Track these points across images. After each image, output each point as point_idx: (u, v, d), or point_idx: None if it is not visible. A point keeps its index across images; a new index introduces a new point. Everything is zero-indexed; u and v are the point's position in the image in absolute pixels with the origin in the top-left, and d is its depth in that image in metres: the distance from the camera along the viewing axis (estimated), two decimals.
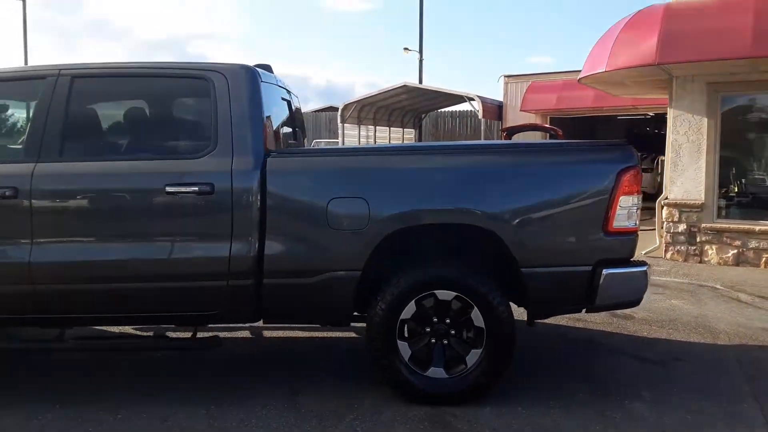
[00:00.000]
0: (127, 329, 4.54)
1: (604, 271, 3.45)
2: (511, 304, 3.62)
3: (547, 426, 3.30)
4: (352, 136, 21.69)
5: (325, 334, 4.81)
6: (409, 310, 3.47)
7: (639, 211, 3.57)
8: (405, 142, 24.36)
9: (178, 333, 4.48)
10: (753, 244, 7.78)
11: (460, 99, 19.67)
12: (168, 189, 3.38)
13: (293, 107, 4.56)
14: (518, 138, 14.33)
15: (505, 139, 14.64)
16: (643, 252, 8.62)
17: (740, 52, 6.76)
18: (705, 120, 7.97)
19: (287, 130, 4.36)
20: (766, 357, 4.43)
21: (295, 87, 4.62)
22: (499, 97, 19.53)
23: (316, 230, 3.46)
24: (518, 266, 3.45)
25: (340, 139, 21.07)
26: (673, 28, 7.24)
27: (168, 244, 3.45)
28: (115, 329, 4.50)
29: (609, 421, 3.34)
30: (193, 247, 3.46)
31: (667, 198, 8.33)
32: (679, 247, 8.23)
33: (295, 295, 3.50)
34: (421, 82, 25.56)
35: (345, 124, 21.19)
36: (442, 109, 24.86)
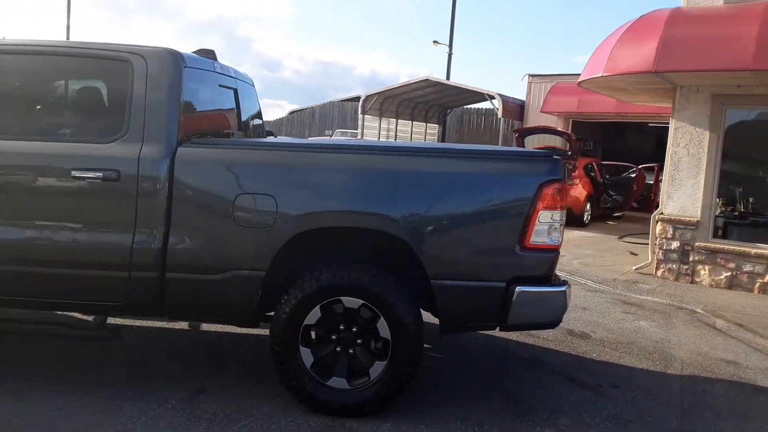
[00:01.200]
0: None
1: (518, 289, 3.27)
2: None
3: None
4: (372, 128, 21.55)
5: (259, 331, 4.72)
6: (314, 315, 3.35)
7: (562, 228, 3.37)
8: (427, 138, 24.17)
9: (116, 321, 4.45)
10: (748, 267, 7.40)
11: (481, 96, 19.29)
12: (74, 173, 3.32)
13: (241, 96, 4.46)
14: (529, 142, 13.97)
15: (516, 141, 14.27)
16: (634, 268, 8.33)
17: (741, 63, 6.38)
18: (707, 133, 7.58)
19: (225, 119, 4.26)
20: (711, 390, 4.17)
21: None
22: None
23: (222, 226, 3.35)
24: (428, 278, 3.30)
25: (359, 131, 20.96)
26: (675, 34, 6.88)
27: (73, 230, 3.39)
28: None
29: None
30: (97, 234, 3.38)
31: (662, 213, 7.98)
32: (670, 266, 7.88)
33: (198, 291, 3.41)
34: (448, 77, 25.29)
35: (366, 116, 21.09)
36: (469, 106, 24.47)
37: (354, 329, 3.38)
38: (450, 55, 24.95)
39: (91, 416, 3.23)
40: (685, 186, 7.76)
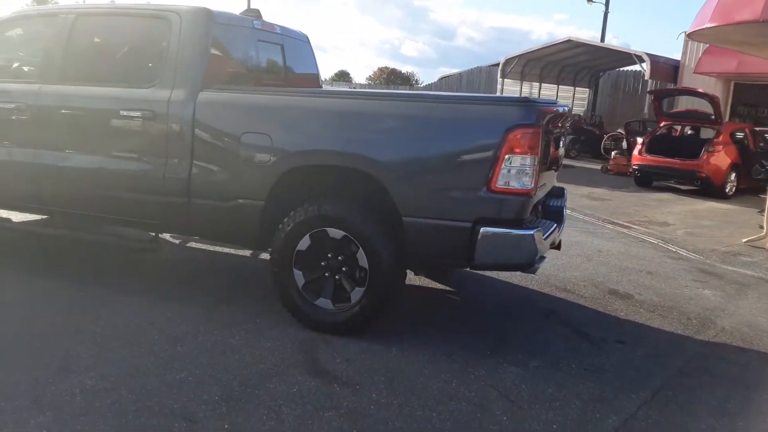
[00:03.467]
0: None
1: (482, 230, 3.38)
2: None
3: (401, 368, 3.41)
4: (513, 92, 21.10)
5: None
6: (305, 242, 3.75)
7: (535, 173, 3.38)
8: (576, 103, 23.05)
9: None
10: None
11: (633, 58, 17.93)
12: (122, 112, 4.03)
13: (287, 51, 4.93)
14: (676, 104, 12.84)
15: (653, 103, 13.25)
16: (744, 240, 7.58)
17: None
18: None
19: (260, 69, 4.71)
20: (730, 359, 3.90)
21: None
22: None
23: (232, 160, 3.86)
24: (399, 214, 3.53)
25: (498, 95, 20.66)
26: None
27: (121, 159, 4.12)
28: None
29: (464, 375, 3.35)
30: (139, 163, 4.07)
31: None
32: None
33: (215, 216, 3.98)
34: (603, 38, 23.81)
35: (507, 80, 20.69)
36: (625, 68, 22.79)
37: (340, 258, 3.74)
38: (606, 14, 23.42)
39: (130, 316, 3.98)
40: None
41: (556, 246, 4.32)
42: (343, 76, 78.70)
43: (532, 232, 3.40)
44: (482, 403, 3.09)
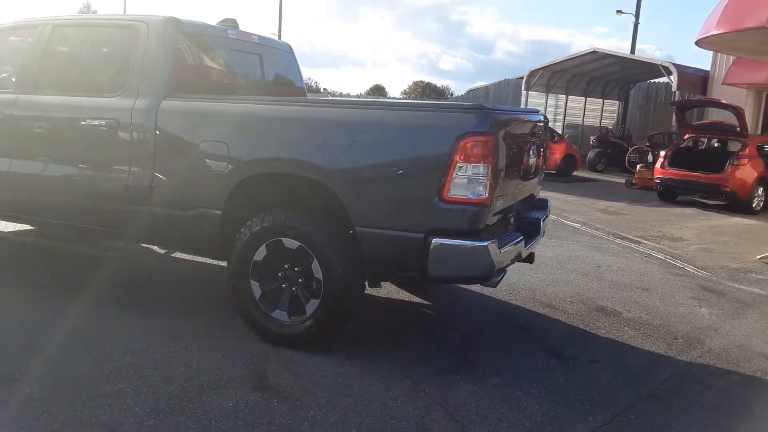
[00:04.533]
0: None
1: (434, 241, 3.25)
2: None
3: (349, 384, 3.29)
4: (537, 105, 20.79)
5: None
6: (261, 252, 3.68)
7: (489, 182, 3.24)
8: (604, 116, 22.61)
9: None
10: None
11: (657, 69, 17.45)
12: (88, 121, 4.05)
13: (266, 61, 4.91)
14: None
15: (676, 115, 12.84)
16: (759, 257, 7.22)
17: None
18: None
19: (233, 78, 4.69)
20: (710, 382, 3.65)
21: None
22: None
23: (191, 168, 3.83)
24: (353, 225, 3.43)
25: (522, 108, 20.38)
26: None
27: (89, 168, 4.13)
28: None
29: (414, 392, 3.21)
30: (104, 172, 4.07)
31: None
32: None
33: (176, 225, 3.94)
34: (633, 49, 23.34)
35: (531, 92, 20.42)
36: (656, 80, 22.23)
37: (296, 269, 3.65)
38: (636, 25, 22.86)
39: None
40: None
41: (527, 259, 4.14)
42: (377, 91, 79.35)
43: (485, 243, 3.25)
44: (423, 423, 2.94)
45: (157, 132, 3.88)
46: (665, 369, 3.81)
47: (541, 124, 4.21)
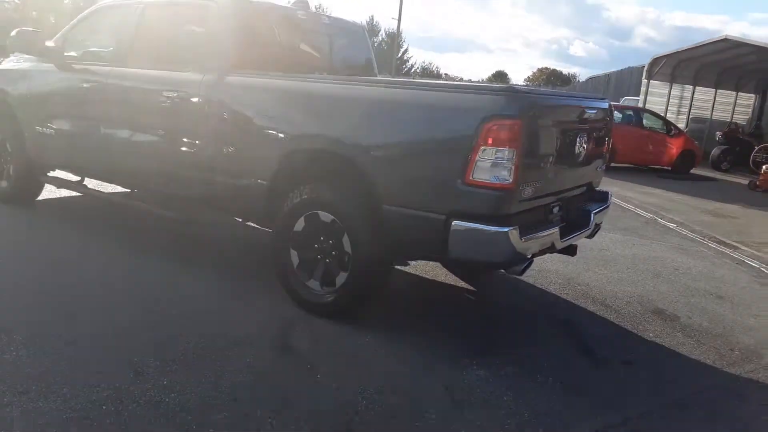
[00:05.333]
0: None
1: (454, 223, 3.26)
2: None
3: (363, 356, 3.40)
4: (660, 95, 19.47)
5: None
6: (300, 224, 3.87)
7: (514, 168, 3.18)
8: (736, 110, 20.72)
9: None
10: None
11: None
12: (164, 93, 4.42)
13: (336, 41, 5.08)
14: None
15: None
16: None
17: None
18: None
19: (298, 56, 4.89)
20: (751, 397, 3.37)
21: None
22: None
23: (247, 139, 4.08)
24: (380, 202, 3.51)
25: (641, 98, 19.14)
26: None
27: (165, 136, 4.51)
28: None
29: (423, 371, 3.27)
30: (178, 140, 4.41)
31: None
32: None
33: (231, 192, 4.22)
34: None
35: (653, 81, 19.14)
36: None
37: (330, 241, 3.80)
38: None
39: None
40: None
41: (566, 251, 4.02)
42: (500, 77, 77.65)
43: (506, 229, 3.21)
44: (420, 399, 3.00)
45: (219, 105, 4.16)
46: (706, 379, 3.57)
47: (594, 111, 4.02)
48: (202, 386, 2.93)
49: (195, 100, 4.26)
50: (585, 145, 3.94)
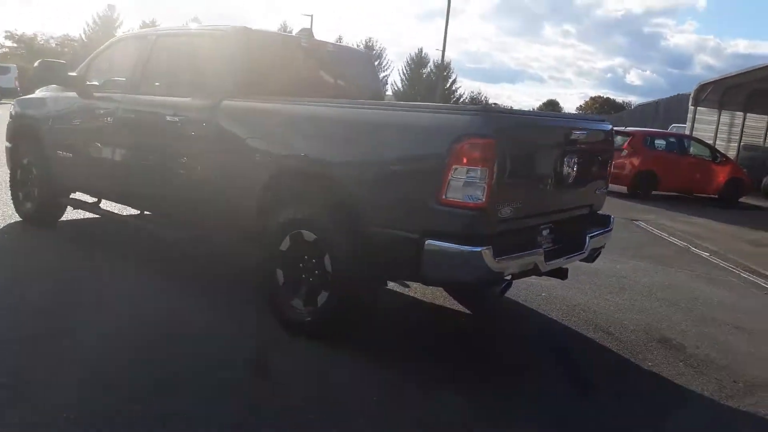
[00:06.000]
0: None
1: (427, 242, 3.23)
2: None
3: (339, 380, 3.34)
4: (709, 122, 18.85)
5: None
6: (285, 243, 3.89)
7: (487, 187, 3.13)
8: None
9: None
10: None
11: None
12: (167, 118, 4.58)
13: (340, 67, 5.17)
14: None
15: None
16: None
17: None
18: None
19: (300, 82, 4.93)
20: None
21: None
22: None
23: (237, 161, 4.17)
24: (359, 221, 3.52)
25: (688, 125, 18.55)
26: None
27: (169, 158, 4.64)
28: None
29: (396, 396, 3.21)
30: (179, 162, 4.55)
31: None
32: None
33: (224, 212, 4.31)
34: None
35: (701, 108, 18.57)
36: None
37: (314, 260, 3.82)
38: None
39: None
40: None
41: (555, 274, 3.91)
42: (550, 106, 76.93)
43: (478, 249, 3.15)
44: (384, 425, 2.94)
45: (215, 128, 4.28)
46: (701, 413, 3.37)
47: (584, 133, 3.92)
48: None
49: (194, 124, 4.40)
50: (576, 167, 3.85)
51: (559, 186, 3.79)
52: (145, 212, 5.53)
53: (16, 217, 6.12)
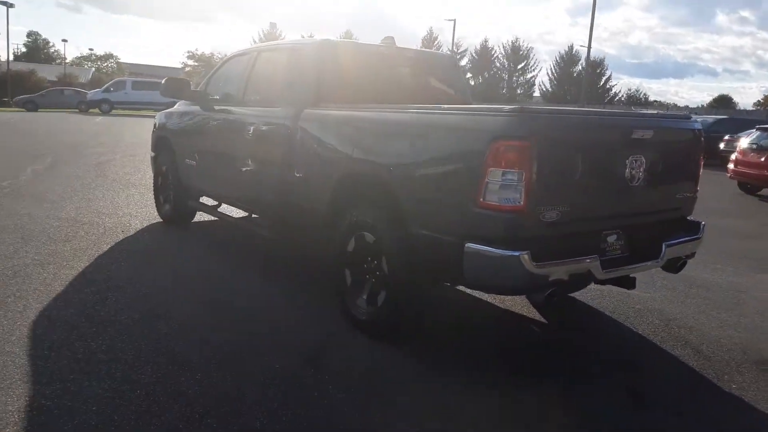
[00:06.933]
0: None
1: (466, 246, 3.25)
2: None
3: (392, 377, 3.47)
4: None
5: None
6: (352, 244, 4.12)
7: (524, 189, 3.08)
8: None
9: None
10: None
11: None
12: (262, 127, 5.02)
13: (425, 74, 5.31)
14: None
15: None
16: None
17: None
18: None
19: (382, 89, 5.11)
20: None
21: None
22: None
23: (315, 167, 4.47)
24: (407, 224, 3.61)
25: None
26: None
27: (261, 165, 5.10)
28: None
29: (439, 396, 3.27)
30: (268, 169, 4.97)
31: None
32: None
33: (305, 215, 4.63)
34: None
35: None
36: None
37: (375, 262, 3.98)
38: None
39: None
40: None
41: (621, 283, 3.70)
42: (722, 102, 69.76)
43: (516, 253, 3.10)
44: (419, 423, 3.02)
45: (297, 136, 4.63)
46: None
47: (647, 131, 3.60)
48: (227, 390, 3.29)
49: (280, 132, 4.78)
50: (645, 170, 3.62)
51: (623, 190, 3.59)
52: (253, 215, 6.09)
53: (158, 219, 7.10)
